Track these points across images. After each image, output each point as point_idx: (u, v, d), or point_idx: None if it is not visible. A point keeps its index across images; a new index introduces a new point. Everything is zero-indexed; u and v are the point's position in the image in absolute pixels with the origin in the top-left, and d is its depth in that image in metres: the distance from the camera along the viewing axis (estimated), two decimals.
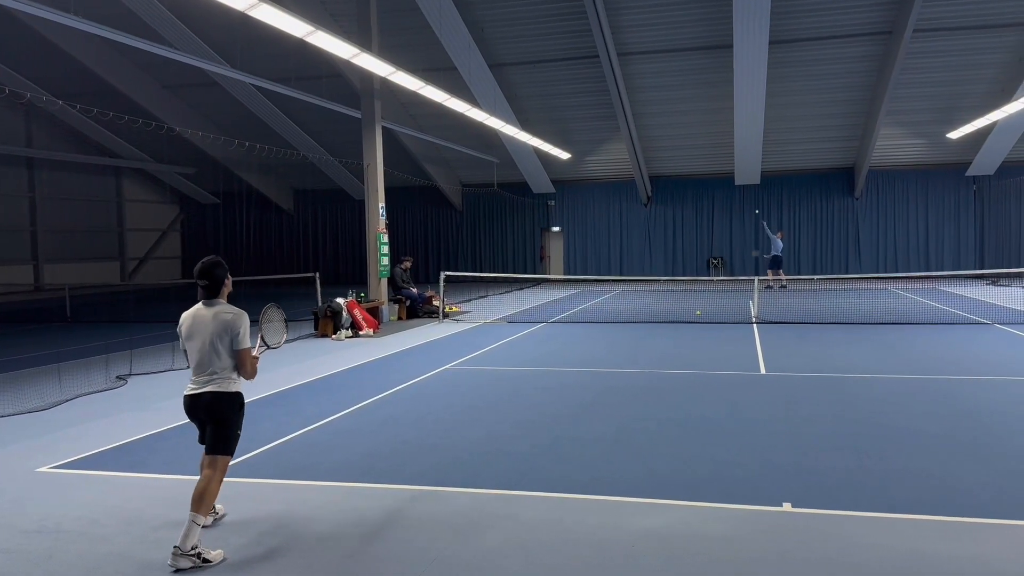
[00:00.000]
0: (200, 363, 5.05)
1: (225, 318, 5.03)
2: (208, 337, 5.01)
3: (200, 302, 5.15)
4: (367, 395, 9.58)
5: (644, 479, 6.13)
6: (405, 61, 17.68)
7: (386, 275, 18.31)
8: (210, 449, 5.06)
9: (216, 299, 5.14)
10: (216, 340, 5.01)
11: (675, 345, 13.44)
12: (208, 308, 5.09)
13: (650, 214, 30.52)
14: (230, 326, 5.02)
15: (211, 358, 5.02)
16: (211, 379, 5.03)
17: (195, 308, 5.16)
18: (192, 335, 5.08)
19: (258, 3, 10.08)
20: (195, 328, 5.08)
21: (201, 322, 5.06)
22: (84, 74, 24.80)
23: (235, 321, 5.03)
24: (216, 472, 4.98)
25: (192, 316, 5.13)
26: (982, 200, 28.11)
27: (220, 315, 5.04)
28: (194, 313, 5.13)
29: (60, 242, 30.82)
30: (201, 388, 5.04)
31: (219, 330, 5.01)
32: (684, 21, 21.83)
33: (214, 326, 5.02)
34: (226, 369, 5.05)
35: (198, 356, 5.06)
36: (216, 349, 5.01)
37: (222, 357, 5.03)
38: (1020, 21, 21.03)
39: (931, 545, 4.76)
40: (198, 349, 5.05)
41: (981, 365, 10.86)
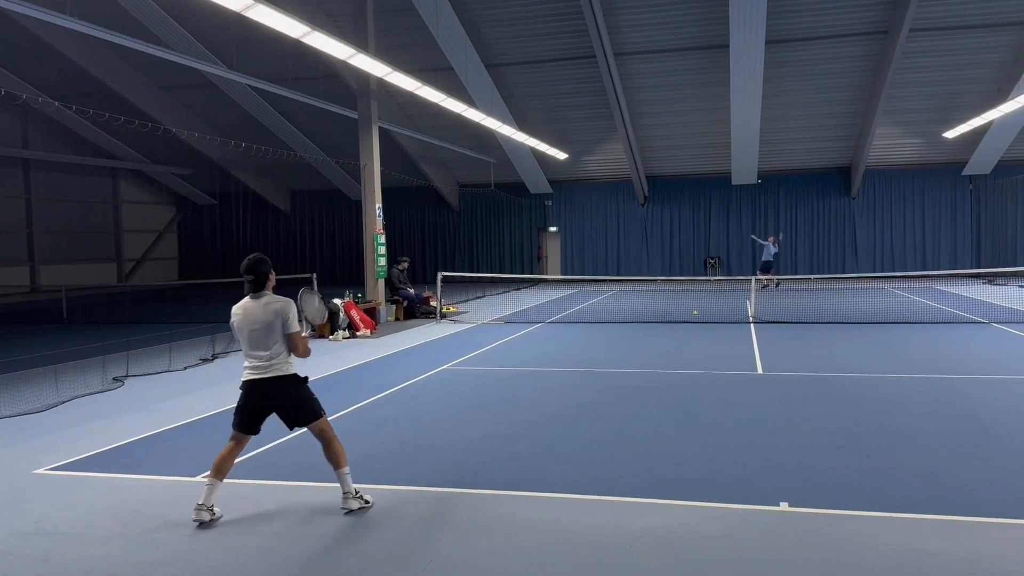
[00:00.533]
0: (256, 350, 5.51)
1: (275, 307, 5.50)
2: (260, 326, 5.47)
3: (247, 296, 5.60)
4: (364, 396, 9.57)
5: (642, 479, 6.13)
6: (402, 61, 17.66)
7: (383, 276, 18.31)
8: (304, 423, 5.61)
9: (262, 291, 5.60)
10: (268, 328, 5.47)
11: (672, 345, 13.45)
12: (256, 300, 5.56)
13: (647, 214, 30.54)
14: (280, 313, 5.49)
15: (266, 345, 5.48)
16: (270, 365, 5.49)
17: (244, 301, 5.61)
18: (244, 326, 5.53)
19: (254, 3, 10.07)
20: (246, 319, 5.52)
21: (252, 313, 5.52)
22: (80, 75, 24.76)
23: (284, 308, 5.51)
24: (329, 436, 5.60)
25: (243, 308, 5.58)
26: (978, 199, 28.16)
27: (269, 305, 5.52)
28: (244, 306, 5.58)
29: (56, 243, 30.76)
30: (262, 374, 5.50)
31: (270, 318, 5.47)
32: (680, 21, 21.85)
33: (264, 315, 5.48)
34: (281, 354, 5.52)
35: (252, 344, 5.51)
36: (270, 336, 5.48)
37: (276, 343, 5.49)
38: (1016, 20, 21.08)
39: (929, 544, 4.77)
40: (252, 338, 5.50)
41: (978, 364, 10.87)
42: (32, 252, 30.04)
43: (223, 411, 8.92)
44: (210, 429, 8.14)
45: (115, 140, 30.27)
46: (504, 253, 32.36)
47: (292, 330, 5.52)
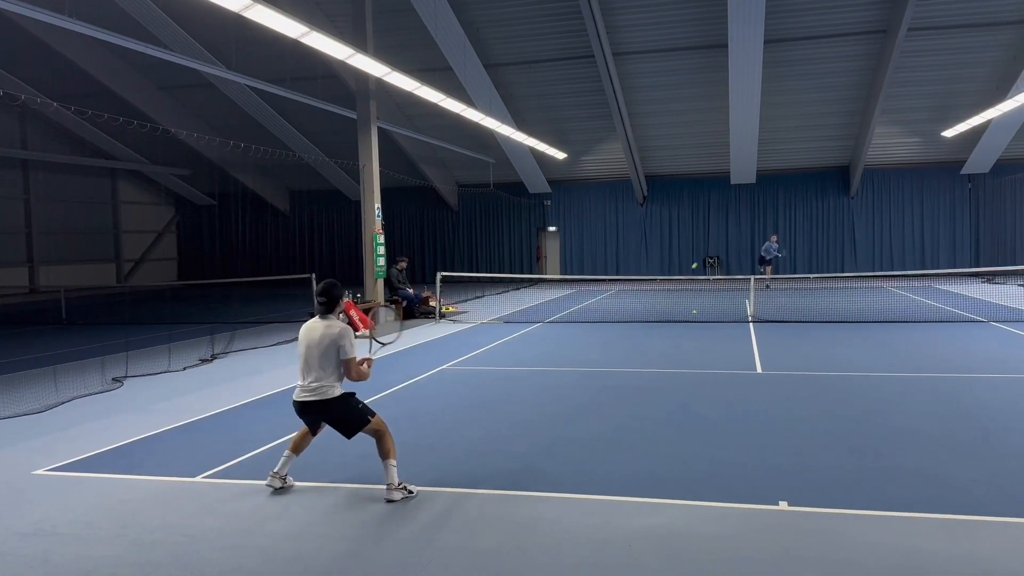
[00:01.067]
0: (307, 372, 5.75)
1: (332, 332, 5.71)
2: (320, 348, 5.69)
3: (316, 316, 5.89)
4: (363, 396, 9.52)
5: (642, 478, 6.13)
6: (400, 61, 17.65)
7: (382, 276, 18.30)
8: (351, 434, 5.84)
9: (329, 315, 5.85)
10: (326, 351, 5.69)
11: (672, 344, 13.45)
12: (321, 322, 5.80)
13: (646, 214, 30.54)
14: (337, 339, 5.69)
15: (318, 367, 5.69)
16: (317, 388, 5.70)
17: (311, 321, 5.89)
18: (305, 345, 5.78)
19: (252, 4, 10.06)
20: (309, 339, 5.77)
21: (313, 335, 5.75)
22: (79, 76, 24.74)
23: (342, 334, 5.70)
24: (381, 433, 5.81)
25: (307, 329, 5.85)
26: (977, 198, 28.17)
27: (330, 328, 5.75)
28: (309, 326, 5.86)
29: (56, 244, 30.72)
30: (308, 397, 5.73)
31: (328, 343, 5.69)
32: (679, 21, 21.85)
33: (324, 339, 5.70)
34: (331, 377, 5.73)
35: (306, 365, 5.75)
36: (324, 360, 5.69)
37: (328, 367, 5.71)
38: (1014, 20, 21.09)
39: (927, 543, 4.77)
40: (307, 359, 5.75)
41: (977, 363, 10.88)
42: (31, 253, 30.01)
43: (222, 412, 8.93)
44: (209, 429, 8.14)
45: (114, 140, 30.25)
46: (503, 253, 32.36)
47: (348, 356, 5.71)
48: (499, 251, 32.40)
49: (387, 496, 5.70)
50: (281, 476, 5.98)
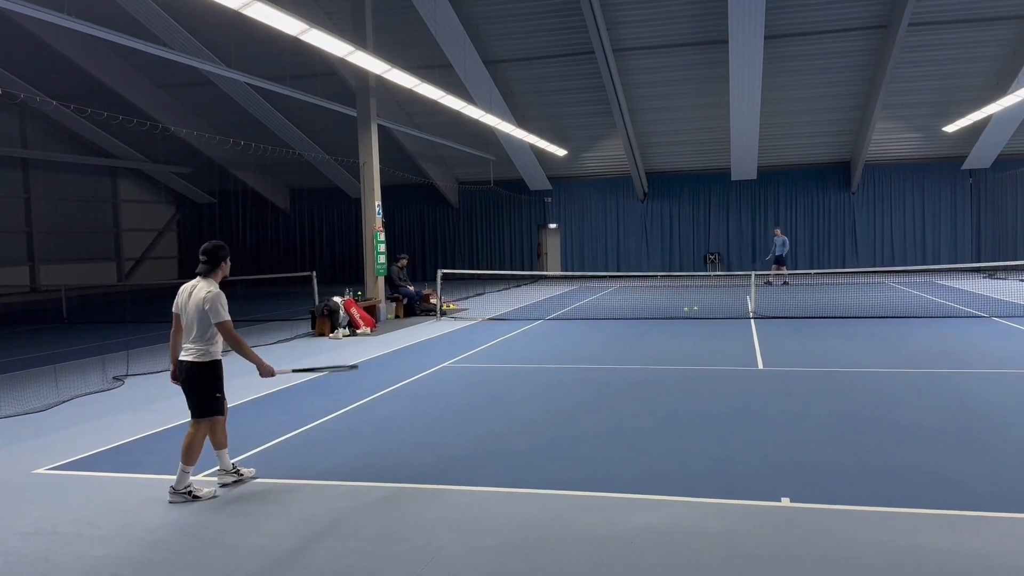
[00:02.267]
0: (187, 333, 5.87)
1: (200, 295, 5.77)
2: (193, 311, 5.79)
3: (197, 276, 5.94)
4: (364, 394, 9.57)
5: (643, 475, 6.12)
6: (400, 59, 17.64)
7: (383, 273, 18.30)
8: (194, 413, 5.93)
9: (209, 277, 5.91)
10: (199, 314, 5.76)
11: (672, 341, 13.44)
12: (199, 282, 5.89)
13: (647, 210, 30.51)
14: (204, 302, 5.73)
15: (196, 328, 5.79)
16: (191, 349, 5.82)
17: (192, 281, 5.95)
18: (182, 306, 5.89)
19: (252, 1, 10.04)
20: (184, 300, 5.87)
21: (190, 295, 5.84)
22: (78, 74, 24.72)
23: (207, 298, 5.74)
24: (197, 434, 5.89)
25: (187, 288, 5.92)
26: (978, 193, 28.13)
27: (200, 290, 5.81)
28: (189, 285, 5.93)
29: (56, 243, 30.74)
30: (184, 356, 5.86)
31: (198, 305, 5.76)
32: (679, 16, 21.80)
33: (195, 301, 5.77)
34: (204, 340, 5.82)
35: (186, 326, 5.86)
36: (199, 322, 5.77)
37: (203, 329, 5.78)
38: (1015, 14, 21.04)
39: (929, 539, 4.76)
40: (186, 320, 5.85)
41: (978, 358, 10.87)
42: (32, 252, 30.02)
43: None
44: None
45: (114, 139, 30.24)
46: (504, 250, 32.34)
47: (220, 318, 5.76)
48: (500, 248, 32.39)
49: (170, 498, 5.73)
50: (227, 470, 6.06)
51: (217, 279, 5.94)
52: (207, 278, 5.88)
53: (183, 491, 5.71)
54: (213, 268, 5.92)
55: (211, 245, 5.96)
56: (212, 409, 5.88)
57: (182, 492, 5.71)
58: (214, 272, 5.92)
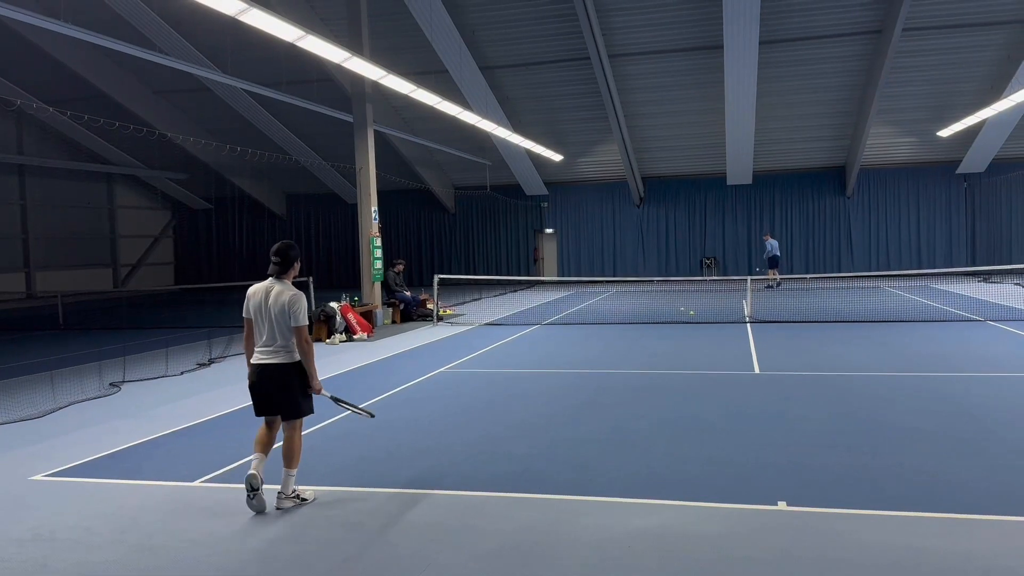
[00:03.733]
0: (260, 335, 5.71)
1: (283, 299, 5.62)
2: (274, 315, 5.62)
3: (269, 278, 5.77)
4: (361, 399, 9.55)
5: (640, 479, 6.14)
6: (396, 64, 17.66)
7: (379, 279, 18.30)
8: (289, 415, 5.77)
9: (283, 277, 5.76)
10: (280, 318, 5.61)
11: (669, 345, 13.46)
12: (275, 285, 5.72)
13: (643, 215, 30.57)
14: (288, 306, 5.60)
15: (276, 333, 5.63)
16: (276, 351, 5.65)
17: (264, 283, 5.77)
18: (258, 309, 5.69)
19: (248, 8, 10.07)
20: (261, 303, 5.68)
21: (267, 298, 5.67)
22: (74, 80, 24.72)
23: (292, 300, 5.61)
24: (296, 434, 5.80)
25: (261, 290, 5.73)
26: (973, 197, 28.24)
27: (282, 294, 5.65)
28: (263, 287, 5.74)
29: (52, 249, 30.70)
30: (267, 359, 5.67)
31: (281, 310, 5.60)
32: (675, 22, 21.88)
33: (277, 306, 5.61)
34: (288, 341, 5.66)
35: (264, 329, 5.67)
36: (280, 325, 5.62)
37: (284, 331, 5.63)
38: (1008, 19, 21.15)
39: (925, 541, 4.78)
40: (263, 323, 5.67)
41: (974, 362, 10.90)
42: (27, 258, 29.97)
43: (221, 416, 8.92)
44: (208, 434, 8.13)
45: (110, 145, 30.23)
46: (500, 255, 32.37)
47: (299, 323, 5.63)
48: (496, 253, 32.41)
49: (277, 504, 5.65)
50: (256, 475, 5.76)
51: (290, 279, 5.81)
52: (280, 279, 5.73)
53: (292, 495, 5.68)
54: (286, 268, 5.75)
55: (283, 245, 5.80)
56: (307, 407, 5.84)
57: (291, 496, 5.68)
58: (287, 272, 5.76)
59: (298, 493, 5.73)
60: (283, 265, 5.75)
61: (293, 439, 5.74)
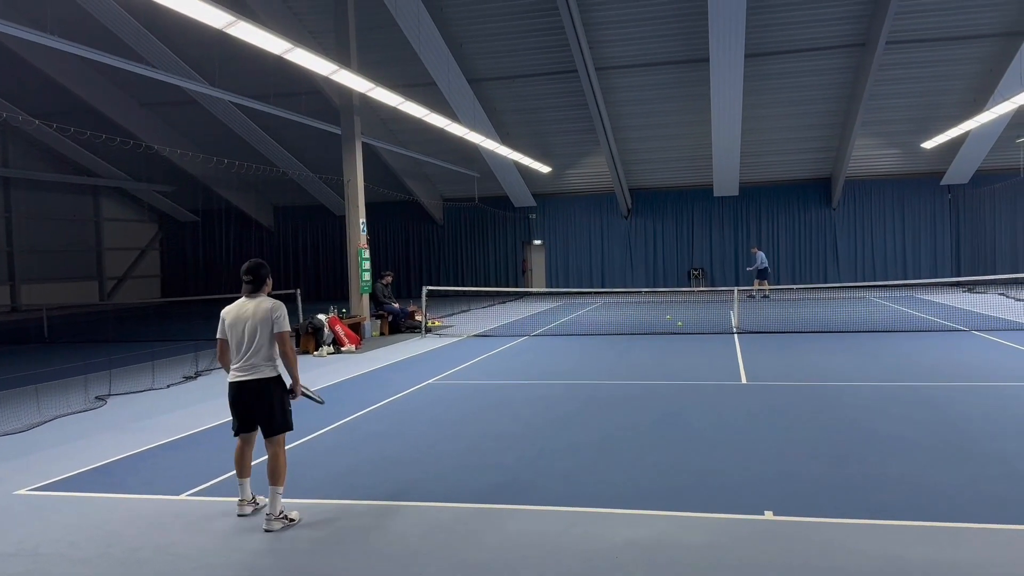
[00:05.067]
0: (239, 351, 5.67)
1: (265, 307, 5.66)
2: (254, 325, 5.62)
3: (243, 296, 5.78)
4: (349, 411, 9.55)
5: (628, 490, 6.15)
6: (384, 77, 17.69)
7: (368, 291, 18.28)
8: (269, 431, 5.69)
9: (257, 293, 5.76)
10: (260, 327, 5.62)
11: (657, 356, 13.50)
12: (250, 300, 5.73)
13: (631, 226, 30.68)
14: (270, 312, 5.63)
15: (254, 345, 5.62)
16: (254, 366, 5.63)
17: (238, 301, 5.77)
18: (235, 324, 5.67)
19: (236, 21, 10.08)
20: (239, 317, 5.67)
21: (243, 312, 5.67)
22: (61, 93, 24.64)
23: (274, 307, 5.66)
24: (281, 451, 5.70)
25: (236, 307, 5.73)
26: (957, 208, 28.49)
27: (261, 303, 5.68)
28: (238, 304, 5.74)
29: (37, 262, 30.50)
30: (244, 376, 5.65)
31: (262, 317, 5.62)
32: (661, 36, 22.03)
33: (257, 314, 5.63)
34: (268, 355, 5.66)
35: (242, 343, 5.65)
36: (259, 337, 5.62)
37: (263, 344, 5.63)
38: (990, 32, 21.41)
39: (911, 550, 4.81)
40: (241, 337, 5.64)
41: (959, 371, 10.98)
42: (12, 271, 29.76)
43: (207, 429, 8.88)
44: (194, 447, 8.09)
45: (96, 158, 30.10)
46: (489, 266, 32.39)
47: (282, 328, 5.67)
48: (484, 265, 32.43)
49: (266, 526, 5.49)
50: (247, 501, 5.88)
51: (264, 296, 5.81)
52: (255, 297, 5.75)
53: (280, 516, 5.52)
54: (259, 286, 5.76)
55: (253, 264, 5.79)
56: (288, 422, 5.78)
57: (279, 517, 5.51)
58: (261, 290, 5.78)
59: (286, 514, 5.59)
60: (255, 283, 5.76)
61: (278, 456, 5.66)
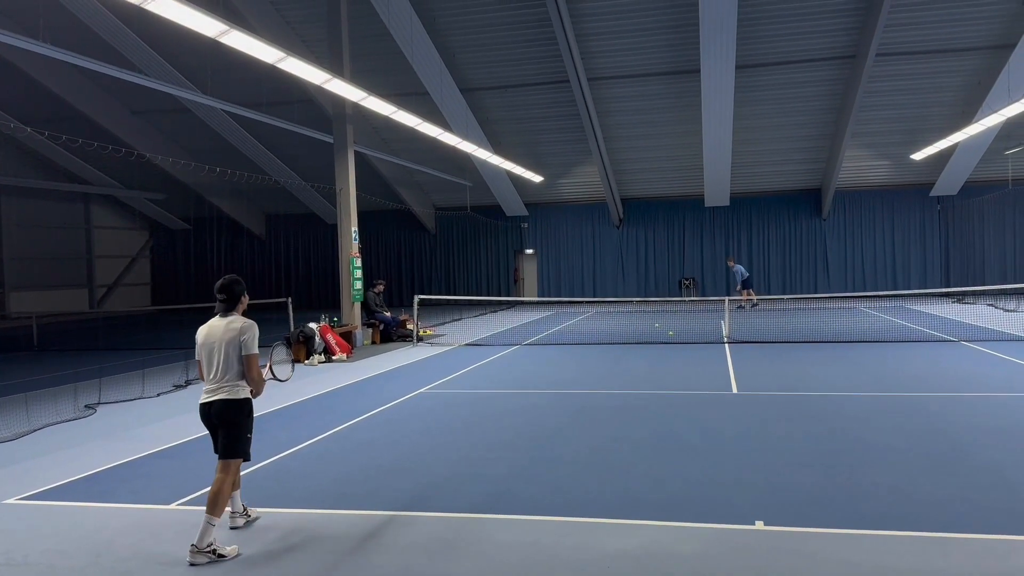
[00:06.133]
0: (209, 371, 5.53)
1: (234, 328, 5.48)
2: (222, 346, 5.45)
3: (216, 315, 5.60)
4: (340, 420, 9.53)
5: (619, 499, 6.16)
6: (377, 86, 17.74)
7: (359, 299, 18.27)
8: (222, 453, 5.48)
9: (231, 312, 5.59)
10: (228, 348, 5.44)
11: (648, 365, 13.52)
12: (222, 319, 5.56)
13: (622, 236, 30.76)
14: (238, 335, 5.45)
15: (223, 366, 5.45)
16: (219, 388, 5.47)
17: (212, 320, 5.61)
18: (206, 344, 5.52)
19: (229, 29, 10.10)
20: (209, 337, 5.52)
21: (214, 332, 5.51)
22: (52, 100, 24.58)
23: (243, 329, 5.48)
24: (228, 477, 5.40)
25: (208, 327, 5.57)
26: (946, 219, 28.67)
27: (232, 324, 5.51)
28: (210, 325, 5.58)
29: (27, 270, 30.33)
30: (211, 397, 5.49)
31: (231, 338, 5.44)
32: (653, 47, 22.15)
33: (227, 335, 5.45)
34: (235, 376, 5.48)
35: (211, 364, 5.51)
36: (228, 357, 5.45)
37: (232, 365, 5.45)
38: (979, 45, 21.59)
39: (899, 560, 4.83)
40: (210, 357, 5.50)
41: (948, 381, 11.04)
42: (2, 279, 29.59)
43: (197, 438, 8.84)
44: (184, 456, 8.06)
45: (87, 165, 30.01)
46: (481, 275, 32.41)
47: (249, 351, 5.48)
48: (476, 274, 32.44)
49: (190, 559, 5.05)
50: (239, 512, 5.76)
51: (239, 314, 5.63)
52: (228, 316, 5.57)
53: (207, 549, 5.07)
54: (234, 304, 5.59)
55: (228, 281, 5.61)
56: (244, 450, 5.52)
57: (205, 551, 5.06)
58: (235, 308, 5.60)
59: (215, 548, 5.10)
60: (229, 302, 5.58)
61: (224, 481, 5.34)
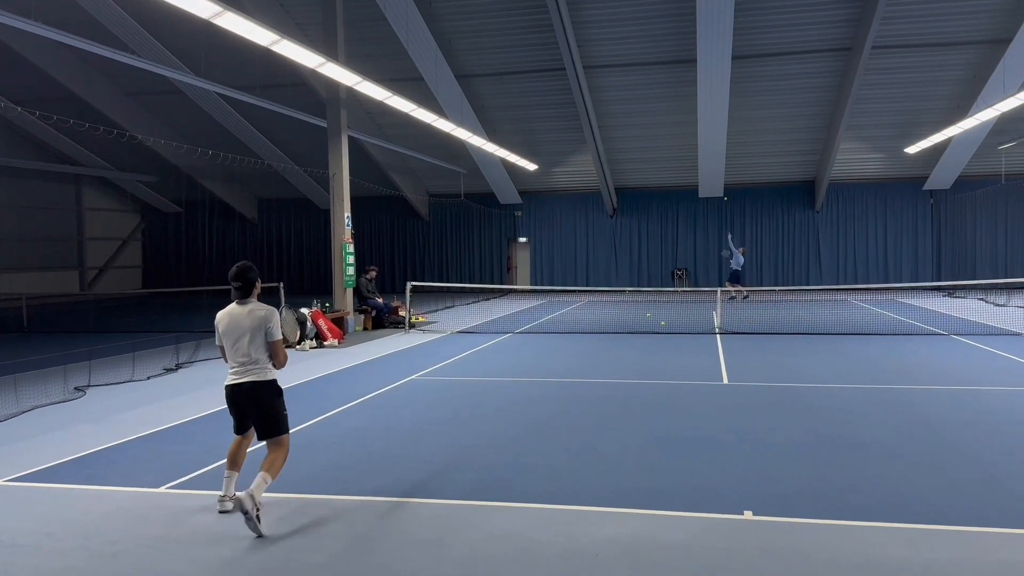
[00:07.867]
0: (235, 355, 5.67)
1: (259, 315, 5.65)
2: (246, 333, 5.61)
3: (234, 302, 5.73)
4: (332, 406, 9.52)
5: (609, 488, 6.17)
6: (372, 71, 17.65)
7: (351, 285, 18.22)
8: (264, 435, 5.70)
9: (247, 299, 5.72)
10: (253, 334, 5.61)
11: (639, 355, 13.54)
12: (242, 307, 5.69)
13: (616, 225, 30.76)
14: (263, 321, 5.63)
15: (248, 351, 5.62)
16: (249, 369, 5.64)
17: (229, 307, 5.74)
18: (229, 331, 5.67)
19: (223, 11, 10.02)
20: (232, 325, 5.66)
21: (236, 319, 5.65)
22: (44, 80, 24.36)
23: (267, 316, 5.67)
24: (282, 450, 5.71)
25: (227, 314, 5.72)
26: (939, 213, 28.77)
27: (254, 311, 5.67)
28: (229, 311, 5.72)
29: (17, 251, 30.13)
30: (239, 379, 5.65)
31: (255, 326, 5.60)
32: (649, 36, 22.08)
33: (250, 322, 5.61)
34: (263, 359, 5.67)
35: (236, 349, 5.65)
36: (253, 343, 5.61)
37: (258, 349, 5.63)
38: (975, 39, 21.61)
39: (887, 552, 4.85)
40: (235, 344, 5.64)
41: (938, 375, 11.09)
42: None
43: (187, 421, 8.83)
44: (174, 440, 8.04)
45: (79, 146, 29.80)
46: (474, 263, 32.38)
47: (274, 338, 5.67)
48: (469, 261, 32.42)
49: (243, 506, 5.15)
50: (231, 497, 5.72)
51: (255, 299, 5.78)
52: (246, 302, 5.70)
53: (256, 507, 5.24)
54: (249, 290, 5.70)
55: (242, 268, 5.71)
56: (285, 426, 5.76)
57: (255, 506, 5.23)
58: (251, 294, 5.72)
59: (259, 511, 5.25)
60: (244, 289, 5.70)
61: (278, 457, 5.66)
